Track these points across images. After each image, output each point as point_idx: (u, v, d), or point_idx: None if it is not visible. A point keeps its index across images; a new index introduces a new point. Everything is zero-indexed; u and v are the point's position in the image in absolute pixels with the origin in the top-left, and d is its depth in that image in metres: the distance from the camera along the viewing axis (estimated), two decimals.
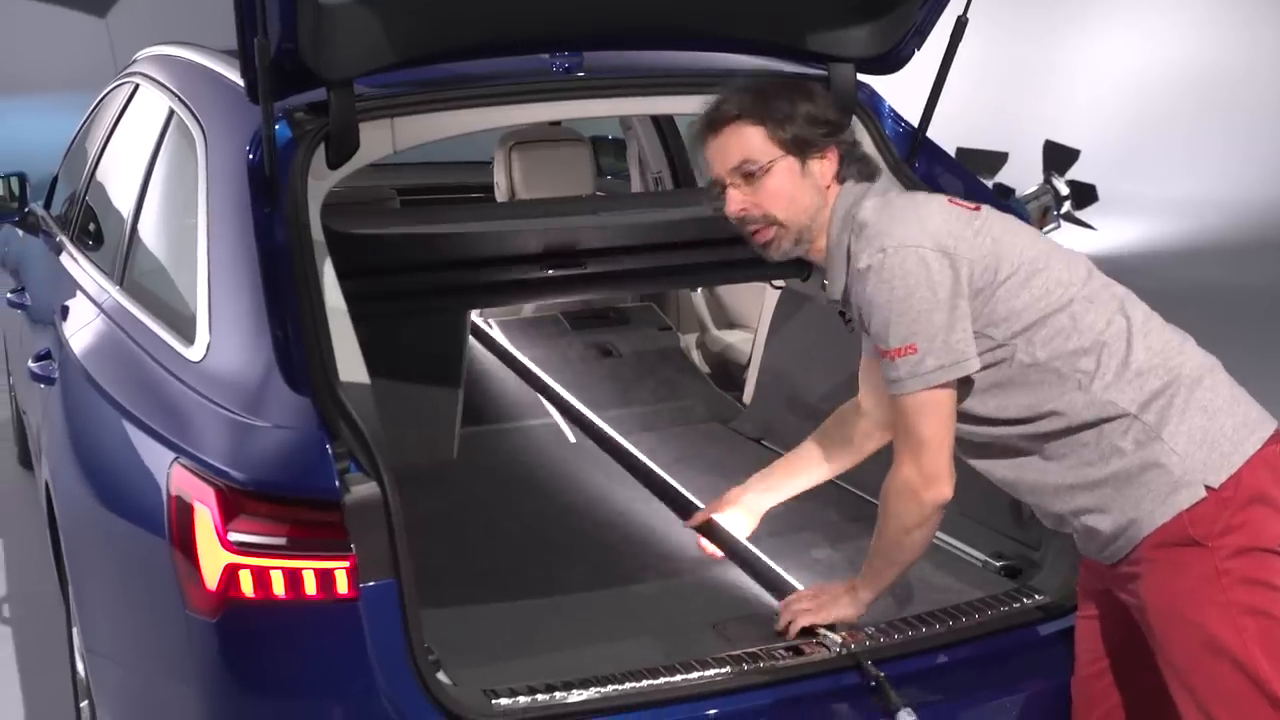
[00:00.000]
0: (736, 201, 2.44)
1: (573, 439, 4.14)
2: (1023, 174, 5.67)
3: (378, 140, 2.92)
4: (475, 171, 5.34)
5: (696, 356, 4.90)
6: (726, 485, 3.08)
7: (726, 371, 4.76)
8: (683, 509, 3.30)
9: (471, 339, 4.22)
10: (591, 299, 4.78)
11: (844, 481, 3.63)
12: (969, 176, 3.46)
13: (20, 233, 5.02)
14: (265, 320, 2.51)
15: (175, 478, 2.37)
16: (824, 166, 2.46)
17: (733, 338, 4.86)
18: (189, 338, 2.66)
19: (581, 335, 4.71)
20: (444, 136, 3.06)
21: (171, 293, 2.98)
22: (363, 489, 2.25)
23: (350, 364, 2.52)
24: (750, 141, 2.43)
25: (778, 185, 2.43)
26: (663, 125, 5.16)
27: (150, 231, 3.34)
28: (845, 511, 3.51)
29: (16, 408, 5.43)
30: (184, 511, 2.31)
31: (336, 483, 2.22)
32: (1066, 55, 12.68)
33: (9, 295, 4.75)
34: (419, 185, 5.10)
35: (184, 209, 3.00)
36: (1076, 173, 5.86)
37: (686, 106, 3.32)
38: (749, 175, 2.42)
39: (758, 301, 4.48)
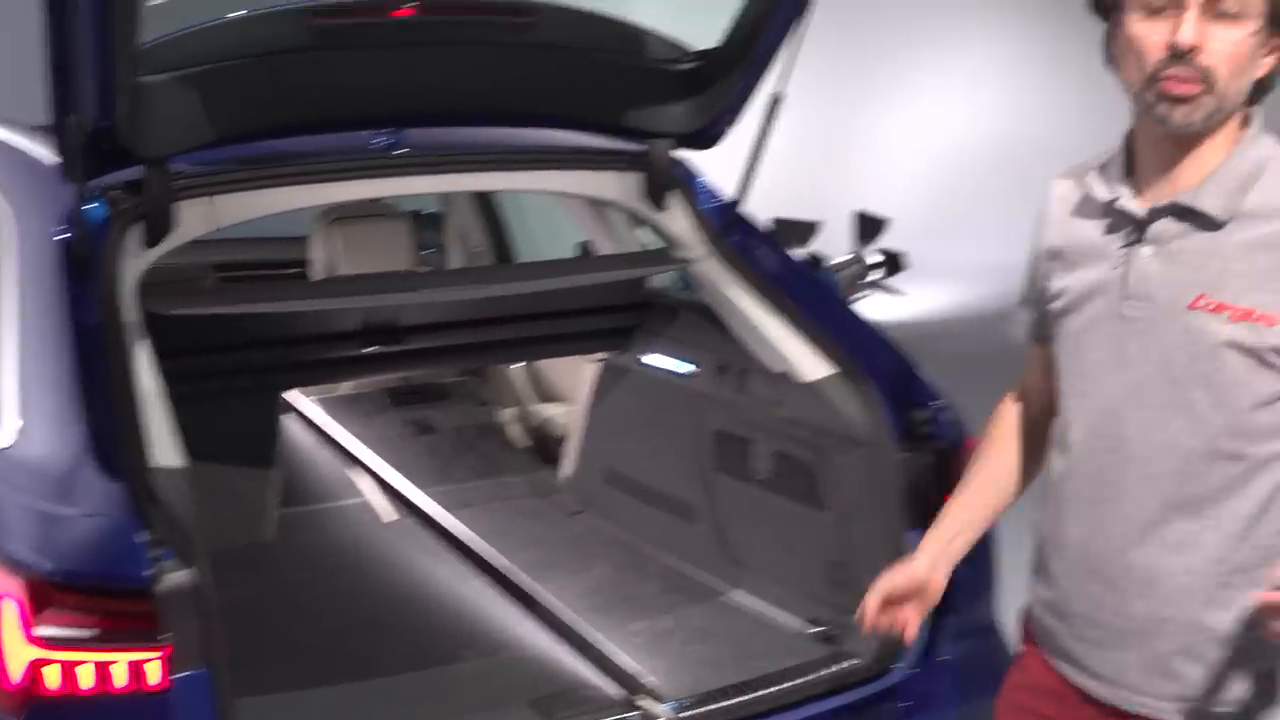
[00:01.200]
0: (1195, 32, 1.84)
1: (393, 517, 4.10)
2: (841, 242, 5.82)
3: (196, 218, 2.86)
4: (296, 247, 5.28)
5: (516, 431, 4.89)
6: (548, 558, 3.08)
7: (545, 445, 4.76)
8: (504, 585, 3.29)
9: (290, 417, 4.16)
10: (410, 376, 4.75)
11: (666, 553, 3.68)
12: (780, 247, 3.52)
13: None
14: (76, 404, 2.43)
15: None
16: (1268, 63, 1.93)
17: (551, 411, 4.86)
18: None
19: (400, 412, 4.67)
20: (264, 214, 3.02)
21: None
22: (176, 577, 2.19)
23: (164, 447, 2.45)
24: None
25: (1240, 46, 1.86)
26: (483, 200, 5.17)
27: None
28: (666, 584, 3.53)
29: None
30: None
31: (148, 571, 2.16)
32: (877, 126, 13.02)
33: None
34: (239, 261, 5.04)
35: None
36: (888, 241, 6.02)
37: (505, 183, 3.35)
38: (1221, 15, 1.84)
39: (576, 375, 4.50)
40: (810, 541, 3.13)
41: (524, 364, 4.98)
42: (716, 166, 3.44)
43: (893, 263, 6.00)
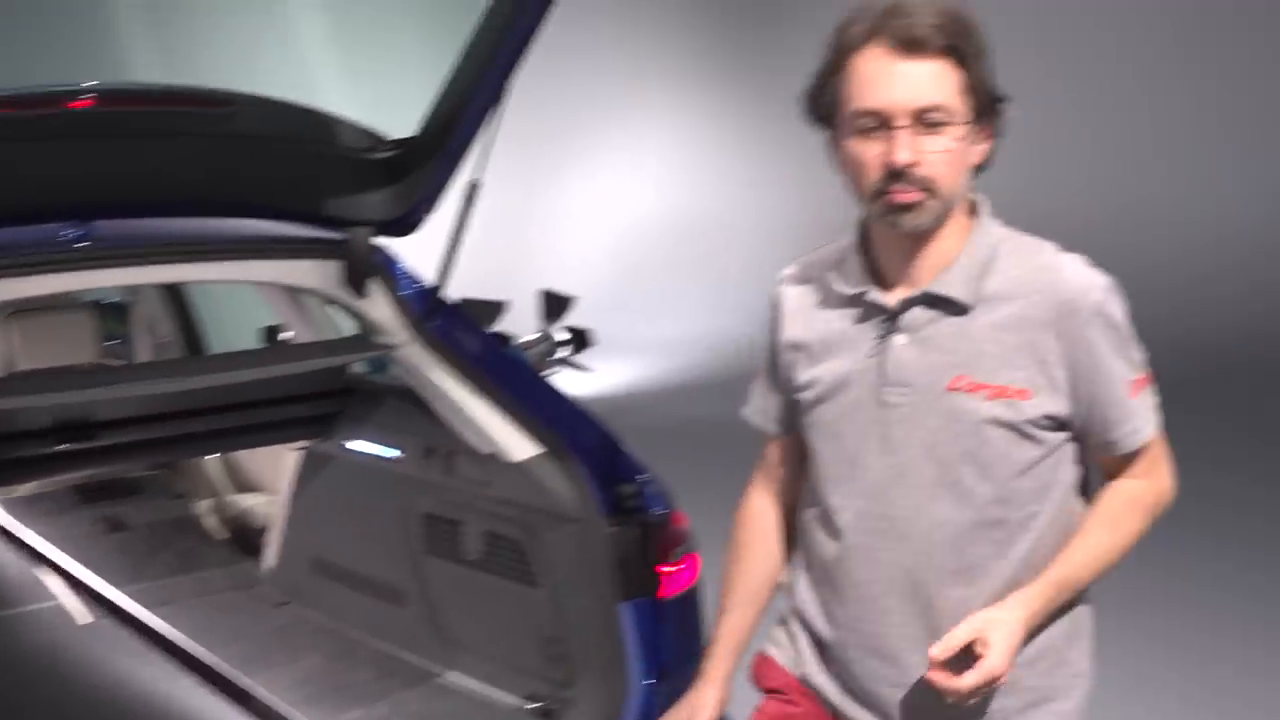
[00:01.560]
0: (909, 149, 1.94)
1: (88, 619, 3.93)
2: (528, 321, 5.90)
3: None
4: None
5: (213, 523, 4.77)
6: (255, 651, 3.01)
7: (245, 537, 4.66)
8: (213, 681, 3.20)
9: None
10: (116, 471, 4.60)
11: (378, 639, 3.66)
12: (482, 330, 3.57)
13: None
14: None
15: None
16: (982, 150, 2.05)
17: (250, 501, 4.77)
18: None
19: (90, 509, 4.51)
20: None
21: None
22: None
23: None
24: (949, 85, 1.96)
25: (954, 151, 1.98)
26: (171, 288, 5.06)
27: None
28: (379, 670, 3.51)
29: None
30: None
31: None
32: (562, 204, 13.26)
33: None
34: None
35: None
36: (574, 318, 6.14)
37: (202, 274, 3.30)
38: (932, 126, 1.95)
39: (275, 463, 4.43)
40: (524, 618, 3.17)
41: (219, 455, 4.87)
42: (407, 251, 3.47)
43: (580, 339, 6.12)
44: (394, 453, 3.65)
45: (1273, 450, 7.73)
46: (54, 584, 3.98)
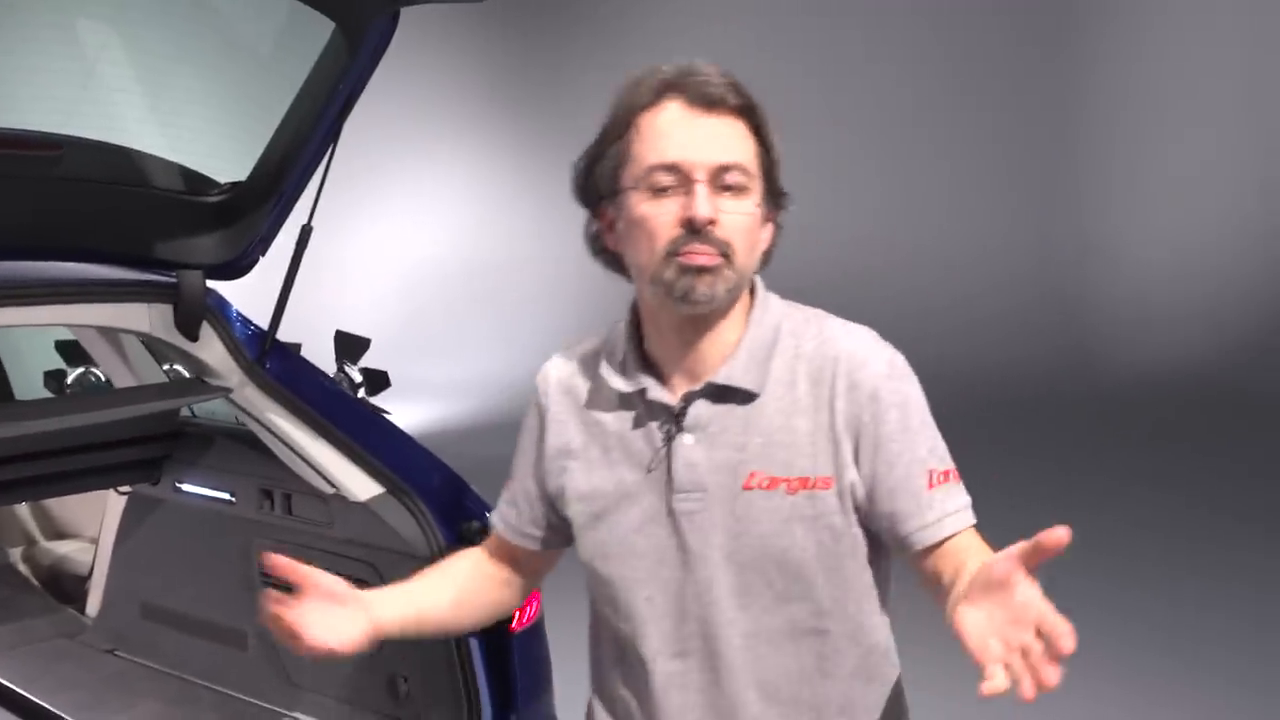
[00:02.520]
0: (710, 206, 1.78)
1: None
2: (321, 363, 5.90)
3: None
4: None
5: (27, 571, 4.67)
6: (91, 699, 2.99)
7: (60, 584, 4.57)
8: None
9: None
10: None
11: (217, 683, 3.64)
12: (317, 371, 3.60)
13: None
14: None
15: None
16: (767, 234, 1.90)
17: (66, 548, 4.68)
18: None
19: None
20: None
21: None
22: None
23: None
24: (747, 147, 1.83)
25: (750, 219, 1.82)
26: None
27: None
28: (223, 713, 3.50)
29: None
30: None
31: None
32: (349, 247, 13.18)
33: None
34: None
35: None
36: (369, 360, 6.16)
37: (25, 318, 3.25)
38: (729, 188, 1.80)
39: (91, 509, 4.36)
40: (369, 657, 3.19)
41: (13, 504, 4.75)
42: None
43: (375, 381, 6.15)
44: (225, 495, 3.64)
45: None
46: None
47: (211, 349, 3.31)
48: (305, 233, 3.26)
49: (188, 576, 3.80)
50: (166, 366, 4.01)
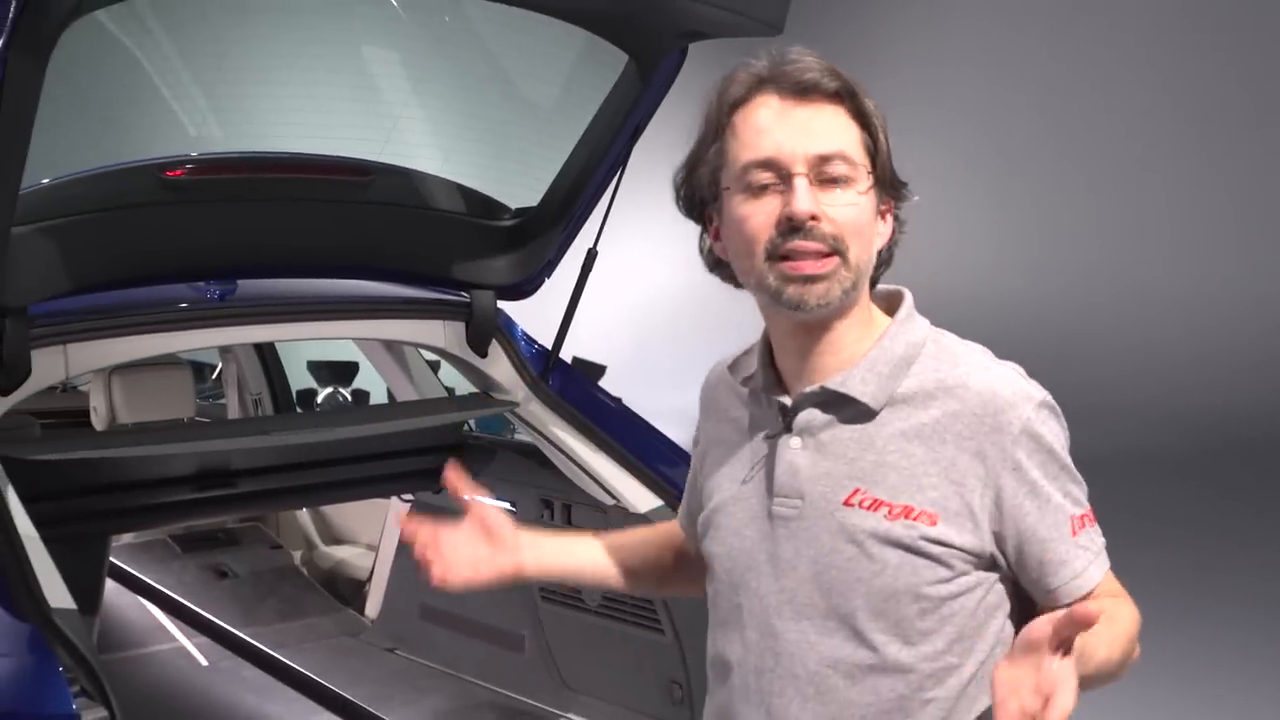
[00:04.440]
0: (810, 199, 1.67)
1: (206, 662, 4.11)
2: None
3: (50, 366, 2.91)
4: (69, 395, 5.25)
5: (309, 573, 4.94)
6: (379, 691, 3.12)
7: (337, 587, 4.82)
8: (346, 716, 3.34)
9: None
10: (211, 521, 4.76)
11: (493, 684, 3.78)
12: (597, 388, 3.75)
13: None
14: None
15: None
16: (884, 228, 1.78)
17: (343, 553, 4.93)
18: None
19: (194, 557, 4.68)
20: (115, 363, 3.09)
21: None
22: (95, 714, 2.25)
23: (56, 589, 2.50)
24: (849, 136, 1.71)
25: (861, 210, 1.71)
26: (263, 350, 5.24)
27: None
28: (501, 713, 3.64)
29: None
30: None
31: (74, 706, 2.21)
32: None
33: None
34: (49, 409, 4.96)
35: None
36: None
37: (339, 331, 3.49)
38: (833, 180, 1.69)
39: (365, 517, 4.60)
40: (647, 662, 3.32)
41: (309, 508, 5.04)
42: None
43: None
44: (505, 504, 3.81)
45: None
46: (174, 627, 4.17)
47: (499, 365, 3.48)
48: (591, 257, 3.40)
49: None
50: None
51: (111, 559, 4.44)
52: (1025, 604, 1.76)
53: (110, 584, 4.33)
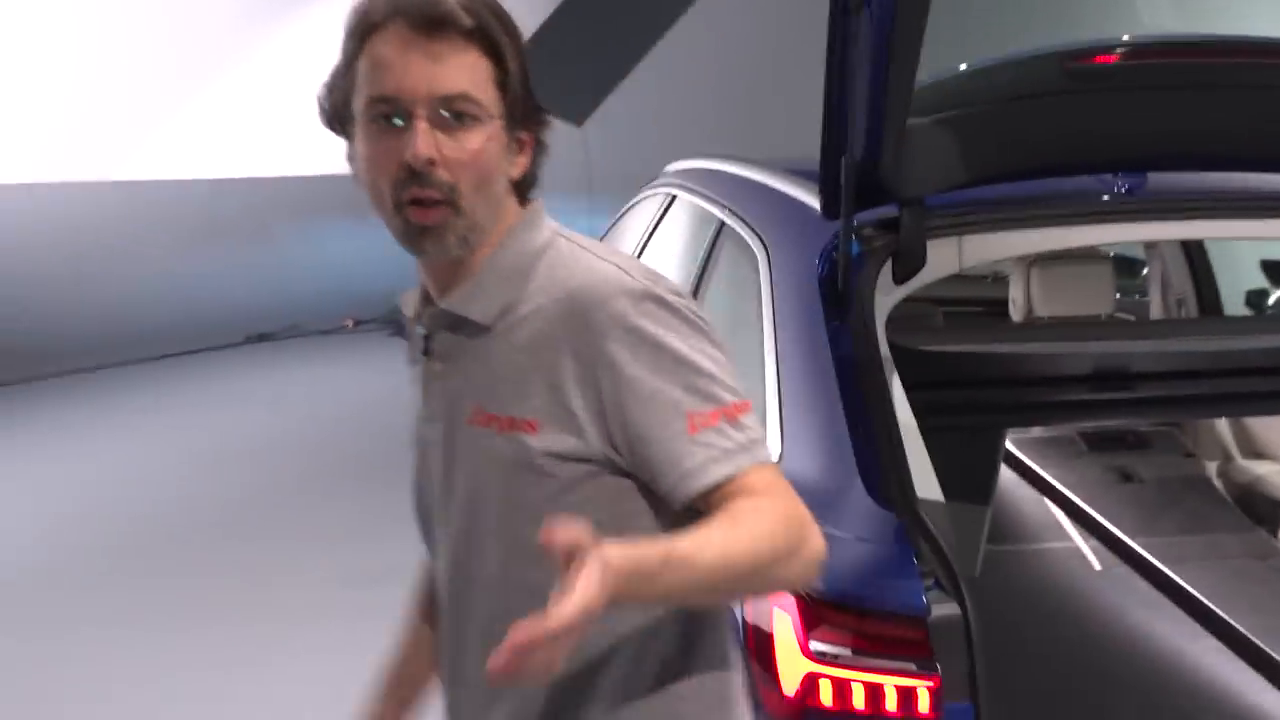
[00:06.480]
0: (430, 144, 1.65)
1: (1102, 566, 4.00)
2: None
3: (943, 258, 2.94)
4: (982, 285, 5.32)
5: (1220, 486, 4.65)
6: (1269, 626, 2.88)
7: (1252, 504, 4.49)
8: (1237, 648, 3.12)
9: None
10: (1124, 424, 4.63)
11: None
12: None
13: None
14: (840, 433, 2.55)
15: None
16: (521, 162, 1.77)
17: (1262, 469, 4.59)
18: None
19: (1099, 457, 4.55)
20: (1006, 256, 3.06)
21: None
22: (947, 609, 2.24)
23: (925, 479, 2.52)
24: (478, 74, 1.67)
25: (486, 152, 1.68)
26: (1190, 248, 4.98)
27: None
28: None
29: None
30: (761, 618, 2.36)
31: (923, 600, 2.22)
32: None
33: None
34: (943, 297, 5.13)
35: (739, 318, 3.10)
36: None
37: (1244, 230, 3.20)
38: (457, 117, 1.66)
39: None
40: None
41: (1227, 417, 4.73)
42: None
43: None
44: None
45: None
46: (1070, 527, 4.10)
47: None
48: None
49: None
50: None
51: (1015, 451, 4.45)
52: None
53: (1010, 476, 4.33)
